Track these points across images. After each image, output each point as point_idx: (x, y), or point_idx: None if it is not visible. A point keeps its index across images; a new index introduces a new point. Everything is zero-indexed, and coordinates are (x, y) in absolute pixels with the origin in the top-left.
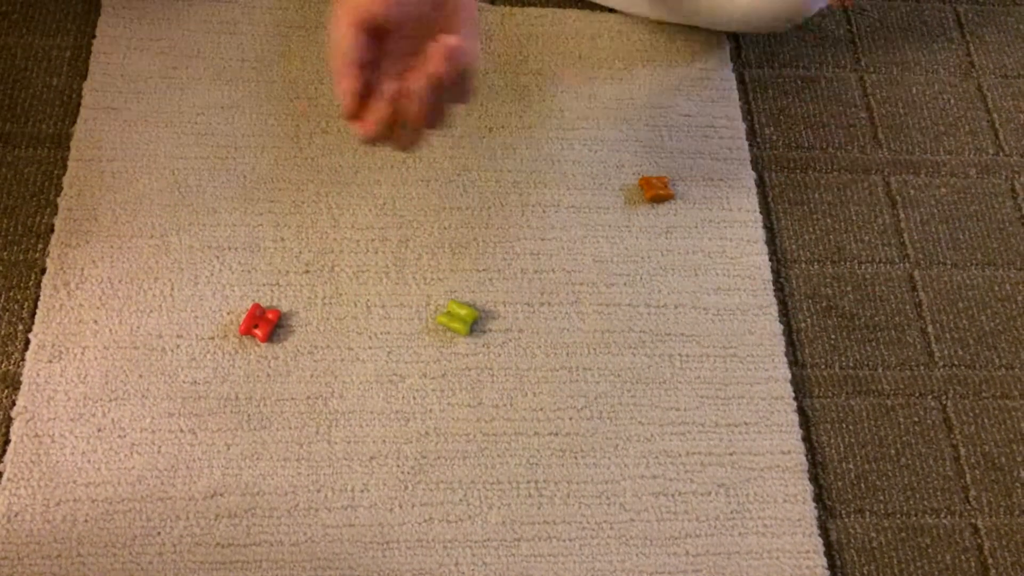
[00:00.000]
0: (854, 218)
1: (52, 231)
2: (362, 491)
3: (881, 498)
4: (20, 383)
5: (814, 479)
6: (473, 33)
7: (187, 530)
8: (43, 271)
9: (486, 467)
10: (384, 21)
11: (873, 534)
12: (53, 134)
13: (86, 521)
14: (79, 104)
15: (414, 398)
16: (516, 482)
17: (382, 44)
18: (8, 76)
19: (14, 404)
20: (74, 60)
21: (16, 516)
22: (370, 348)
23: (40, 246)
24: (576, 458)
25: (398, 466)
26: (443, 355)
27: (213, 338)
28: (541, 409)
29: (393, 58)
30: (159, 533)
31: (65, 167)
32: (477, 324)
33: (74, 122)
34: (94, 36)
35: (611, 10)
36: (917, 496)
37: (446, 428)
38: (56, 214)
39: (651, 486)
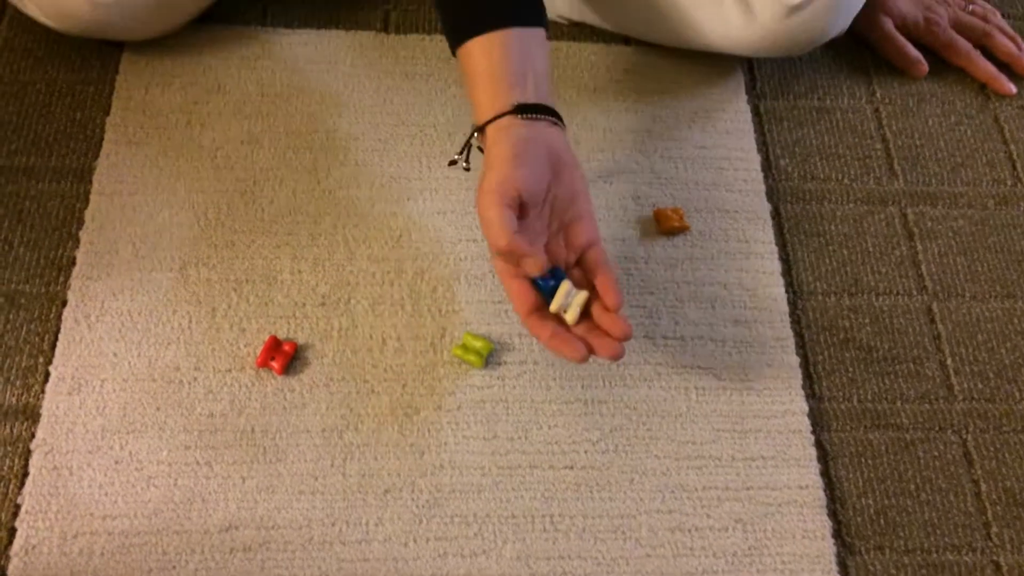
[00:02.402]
0: (871, 250)
1: (74, 264)
2: (376, 525)
3: (901, 534)
4: (40, 415)
5: (833, 515)
6: (591, 206)
7: (202, 564)
8: (64, 304)
9: (501, 501)
10: (524, 197)
11: (893, 571)
12: (76, 168)
13: (102, 554)
14: (101, 138)
15: (429, 431)
16: (531, 516)
17: (521, 222)
18: (32, 111)
19: (33, 436)
20: (97, 95)
21: (34, 549)
22: (385, 380)
23: (62, 279)
24: (591, 492)
25: (412, 499)
26: (458, 387)
27: (230, 370)
28: (556, 442)
29: (531, 234)
30: (175, 567)
31: (87, 201)
32: (492, 356)
33: (96, 156)
34: (117, 72)
35: (625, 42)
36: (938, 532)
37: (461, 461)
38: (78, 247)
39: (667, 521)
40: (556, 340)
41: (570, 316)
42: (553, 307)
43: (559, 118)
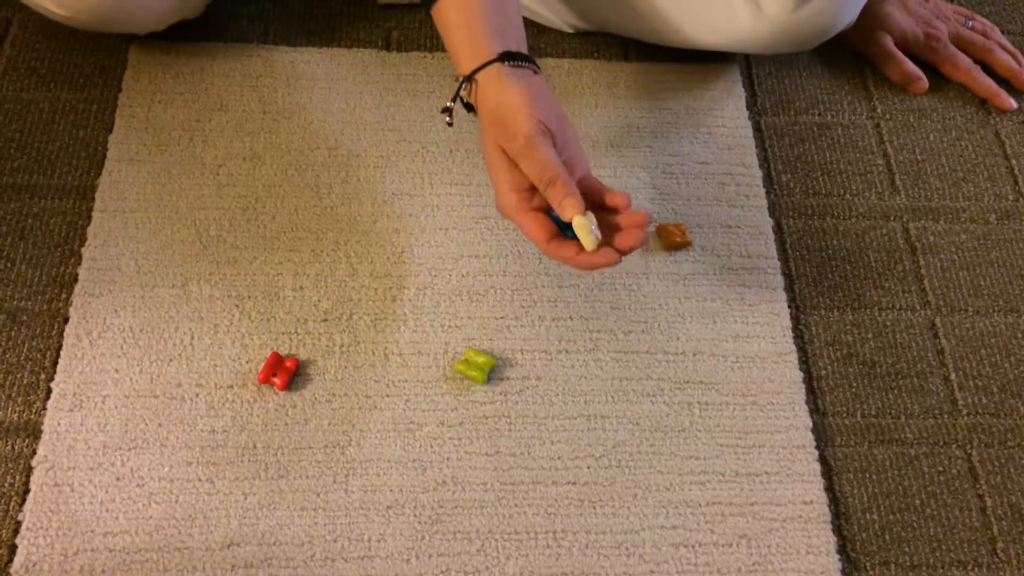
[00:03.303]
0: (873, 265)
1: (76, 281)
2: (379, 541)
3: (906, 550)
4: (41, 432)
5: (837, 530)
6: (580, 145)
7: None
8: (66, 320)
9: (504, 517)
10: (554, 134)
11: None
12: (78, 185)
13: (103, 571)
14: (104, 156)
15: (431, 446)
16: (534, 532)
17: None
18: (35, 129)
19: (34, 453)
20: (100, 113)
21: (34, 566)
22: (388, 396)
23: (64, 296)
24: (594, 508)
25: (415, 515)
26: (461, 403)
27: (232, 387)
28: (559, 458)
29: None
30: None
31: (89, 218)
32: (495, 372)
33: (99, 174)
34: (120, 89)
35: (626, 59)
36: (943, 548)
37: (463, 477)
38: (80, 264)
39: (671, 537)
40: (584, 256)
41: (592, 245)
42: (591, 246)
43: (538, 67)
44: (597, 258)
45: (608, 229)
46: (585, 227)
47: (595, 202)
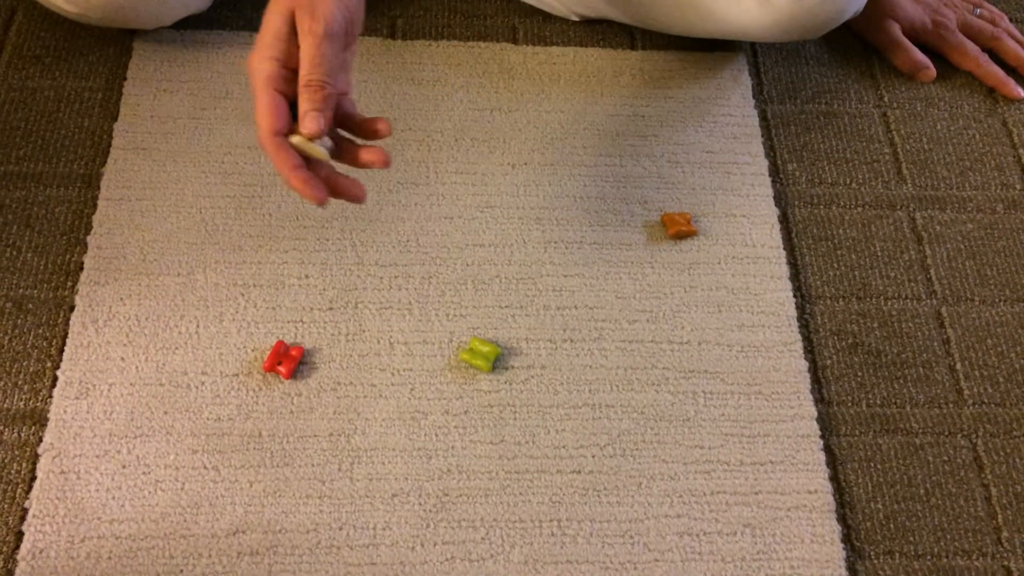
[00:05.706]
0: (879, 254)
1: (81, 269)
2: (384, 529)
3: (911, 539)
4: (47, 420)
5: (842, 519)
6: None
7: (209, 568)
8: (72, 309)
9: (508, 505)
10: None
11: None
12: (84, 174)
13: (109, 558)
14: (109, 144)
15: (436, 435)
16: (538, 521)
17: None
18: (41, 117)
19: (41, 441)
20: (105, 102)
21: (41, 553)
22: (393, 385)
23: (70, 284)
24: (599, 496)
25: (420, 504)
26: (465, 392)
27: (237, 375)
28: (564, 447)
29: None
30: (182, 571)
31: (95, 206)
32: (499, 361)
33: (104, 162)
34: (125, 78)
35: (632, 47)
36: (948, 537)
37: (468, 465)
38: (86, 252)
39: (675, 526)
40: (298, 172)
41: (323, 156)
42: (322, 157)
43: None
44: (300, 184)
45: (348, 154)
46: (307, 145)
47: (347, 126)
